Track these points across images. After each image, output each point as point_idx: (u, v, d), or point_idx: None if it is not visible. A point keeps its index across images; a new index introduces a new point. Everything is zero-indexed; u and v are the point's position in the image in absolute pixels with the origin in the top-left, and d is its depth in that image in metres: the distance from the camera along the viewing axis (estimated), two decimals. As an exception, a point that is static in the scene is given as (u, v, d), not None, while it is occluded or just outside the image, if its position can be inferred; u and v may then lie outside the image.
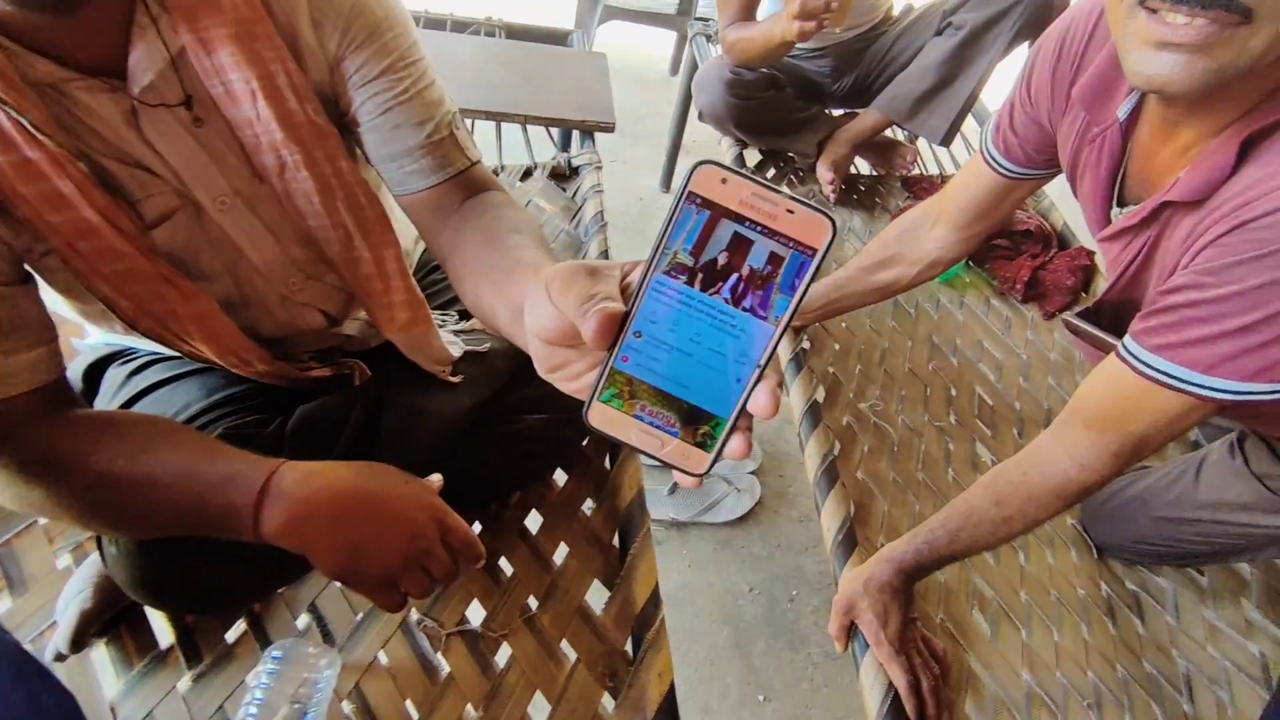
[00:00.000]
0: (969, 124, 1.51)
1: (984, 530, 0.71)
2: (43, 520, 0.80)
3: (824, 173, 1.49)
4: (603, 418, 0.32)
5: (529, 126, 1.38)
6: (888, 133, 1.61)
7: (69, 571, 0.75)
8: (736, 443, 0.30)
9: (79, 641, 0.67)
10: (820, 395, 1.07)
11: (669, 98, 2.26)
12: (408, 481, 0.58)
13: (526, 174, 1.35)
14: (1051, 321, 1.35)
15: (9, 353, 0.49)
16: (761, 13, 1.34)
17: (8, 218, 0.49)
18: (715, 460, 0.31)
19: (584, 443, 0.94)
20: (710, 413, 0.31)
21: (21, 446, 0.51)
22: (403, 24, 0.60)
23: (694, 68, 1.87)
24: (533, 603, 0.80)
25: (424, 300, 0.72)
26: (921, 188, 1.60)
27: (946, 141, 1.45)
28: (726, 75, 1.37)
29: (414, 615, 0.77)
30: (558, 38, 1.70)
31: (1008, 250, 1.42)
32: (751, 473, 1.49)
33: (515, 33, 1.63)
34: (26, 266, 0.53)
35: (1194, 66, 0.46)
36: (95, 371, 0.76)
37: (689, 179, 0.28)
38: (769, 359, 0.30)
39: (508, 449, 0.83)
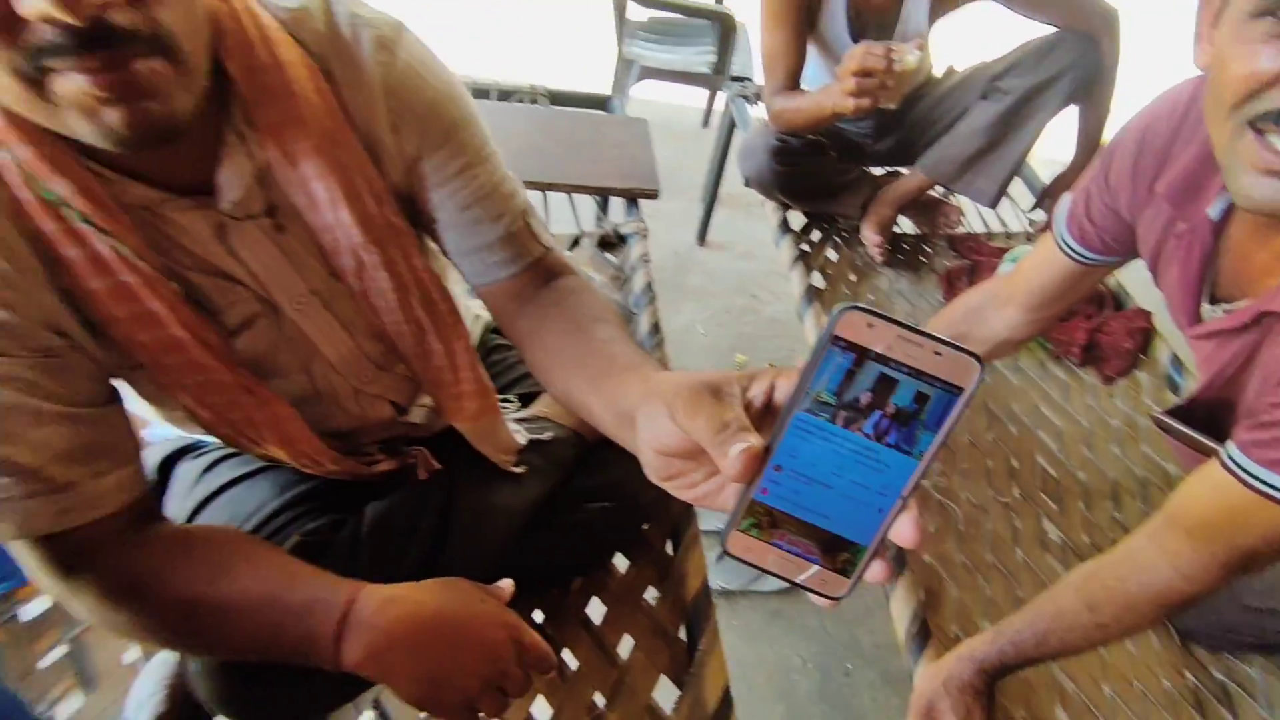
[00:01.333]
0: (1015, 184, 1.51)
1: (1076, 635, 0.68)
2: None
3: (869, 235, 1.49)
4: (741, 545, 0.32)
5: (575, 195, 1.41)
6: (931, 191, 1.61)
7: (135, 667, 0.75)
8: (877, 568, 0.31)
9: (153, 747, 0.66)
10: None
11: (702, 150, 2.29)
12: (484, 600, 0.57)
13: (574, 243, 1.36)
14: (1112, 386, 1.32)
15: (99, 474, 0.49)
16: (807, 81, 1.36)
17: (102, 339, 0.50)
18: (855, 585, 0.32)
19: (644, 526, 0.92)
20: (851, 541, 0.31)
21: (107, 569, 0.51)
22: (475, 121, 0.61)
23: (731, 125, 1.90)
24: (599, 699, 0.78)
25: (492, 388, 0.72)
26: (968, 246, 1.58)
27: (993, 203, 1.44)
28: (772, 143, 1.38)
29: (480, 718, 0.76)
30: (598, 102, 1.73)
31: (1061, 312, 1.40)
32: (800, 538, 1.46)
33: (558, 99, 1.67)
34: (113, 382, 0.54)
35: None
36: (167, 464, 0.77)
37: (834, 323, 0.28)
38: (912, 491, 0.30)
39: (571, 538, 0.82)
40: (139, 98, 0.38)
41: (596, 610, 0.86)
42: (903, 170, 1.56)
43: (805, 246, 1.48)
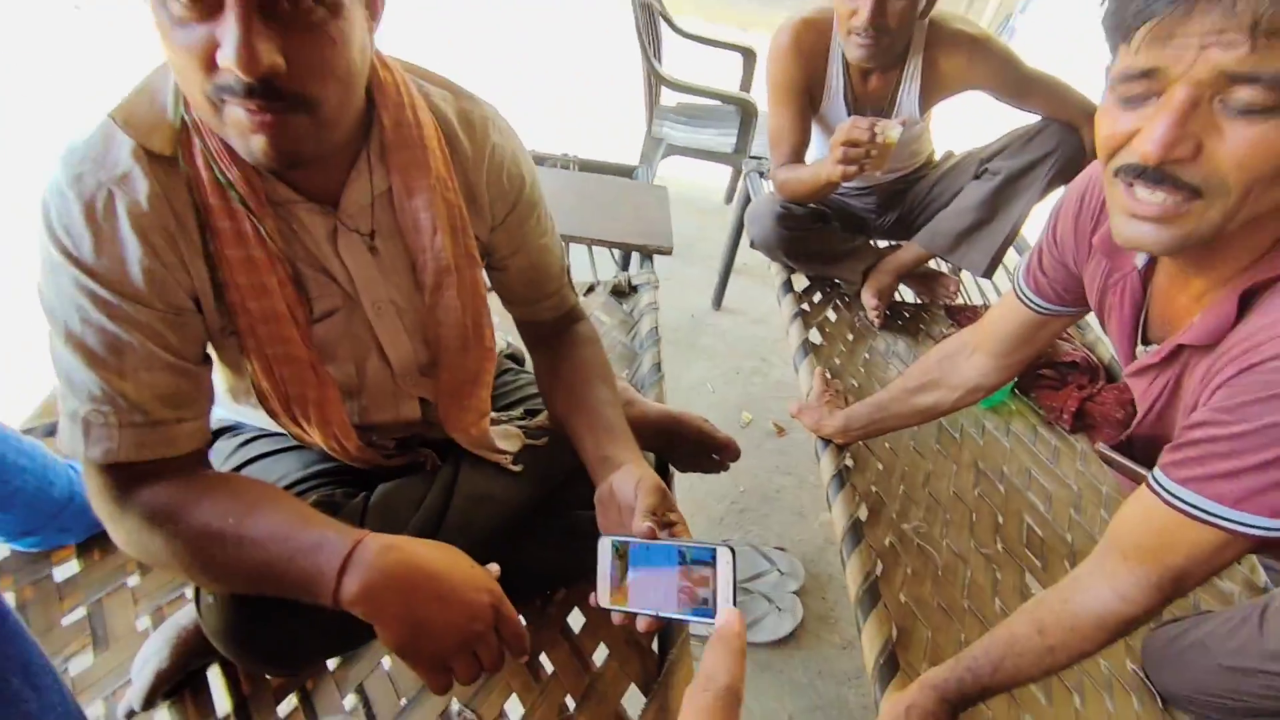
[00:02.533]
0: (1011, 255, 1.59)
1: (1028, 661, 0.70)
2: (131, 582, 0.87)
3: (869, 299, 1.57)
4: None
5: (594, 248, 1.53)
6: (932, 264, 1.69)
7: (146, 634, 0.81)
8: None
9: (150, 700, 0.72)
10: (863, 514, 1.09)
11: (722, 224, 2.43)
12: (473, 566, 0.63)
13: (589, 289, 1.47)
14: (1102, 453, 1.34)
15: (181, 420, 0.60)
16: (809, 157, 1.48)
17: (220, 302, 0.62)
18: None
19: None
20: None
21: (153, 499, 0.59)
22: (544, 201, 0.80)
23: (747, 199, 2.03)
24: (570, 702, 0.81)
25: (489, 411, 0.84)
26: (965, 316, 1.65)
27: (988, 274, 1.52)
28: (777, 209, 1.49)
29: (455, 705, 0.79)
30: (624, 171, 1.88)
31: (1053, 380, 1.44)
32: (794, 592, 1.47)
33: (587, 167, 1.83)
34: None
35: (1161, 234, 0.53)
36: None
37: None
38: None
39: (559, 542, 0.87)
40: (279, 137, 0.51)
41: (577, 620, 0.90)
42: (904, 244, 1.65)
43: (806, 306, 1.56)
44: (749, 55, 2.69)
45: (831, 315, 1.60)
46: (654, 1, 2.48)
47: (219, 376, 0.71)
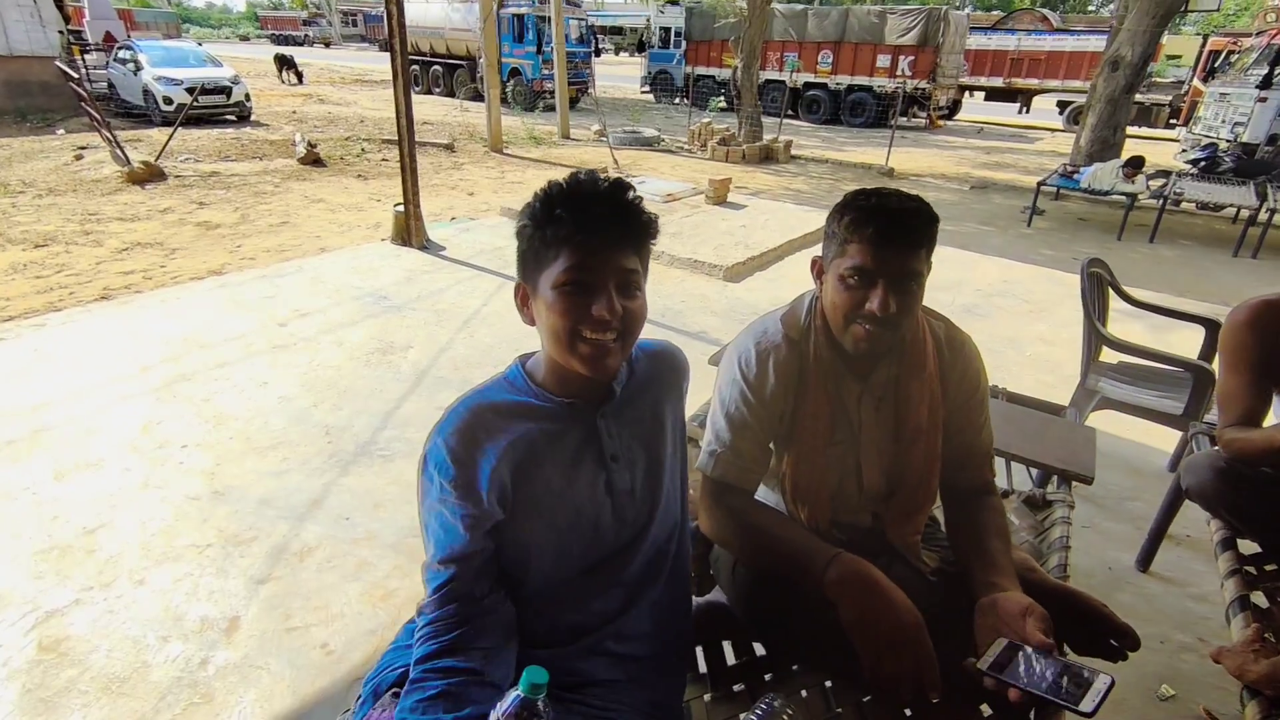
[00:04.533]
0: None
1: None
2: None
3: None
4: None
5: (1013, 465, 1.77)
6: None
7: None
8: None
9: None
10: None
11: (1160, 489, 2.30)
12: (913, 606, 0.97)
13: (1004, 495, 1.70)
14: None
15: (758, 470, 1.15)
16: (1270, 421, 1.51)
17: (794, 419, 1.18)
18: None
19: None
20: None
21: (731, 505, 1.12)
22: (989, 399, 1.22)
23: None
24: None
25: (921, 530, 1.19)
26: None
27: None
28: (1219, 464, 1.53)
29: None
30: (1052, 409, 2.08)
31: None
32: None
33: (1015, 399, 2.10)
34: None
35: None
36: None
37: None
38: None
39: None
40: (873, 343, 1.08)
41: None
42: None
43: (1251, 569, 1.49)
44: (1211, 326, 2.64)
45: (1289, 588, 1.48)
46: (1102, 272, 2.71)
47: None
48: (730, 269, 4.98)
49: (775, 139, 10.89)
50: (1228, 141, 9.16)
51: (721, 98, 15.59)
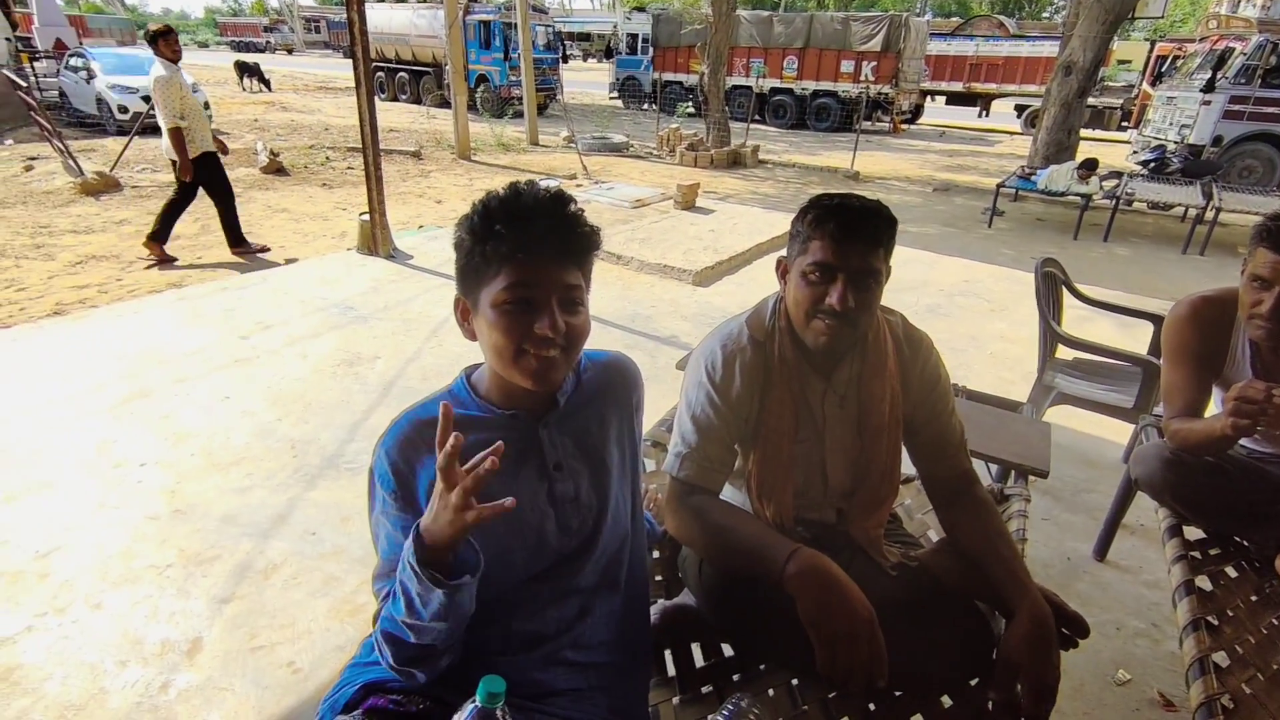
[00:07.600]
0: None
1: None
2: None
3: (1287, 568, 1.48)
4: None
5: (972, 459, 1.81)
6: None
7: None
8: None
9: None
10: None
11: (1115, 480, 2.38)
12: (865, 599, 0.99)
13: (962, 490, 1.74)
14: None
15: (723, 471, 1.17)
16: (1210, 411, 1.57)
17: (756, 425, 1.19)
18: None
19: (973, 682, 1.17)
20: None
21: (693, 503, 1.14)
22: (951, 396, 1.24)
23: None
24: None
25: (884, 525, 1.21)
26: None
27: None
28: (1165, 454, 1.59)
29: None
30: (1010, 406, 2.14)
31: None
32: None
33: (973, 397, 2.15)
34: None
35: None
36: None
37: None
38: None
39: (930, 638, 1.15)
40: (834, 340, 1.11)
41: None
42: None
43: (1196, 554, 1.55)
44: (1159, 321, 2.74)
45: (1232, 571, 1.54)
46: (1056, 271, 2.80)
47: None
48: (700, 273, 5.02)
49: (743, 144, 11.01)
50: (1175, 143, 9.51)
51: (689, 103, 15.73)
